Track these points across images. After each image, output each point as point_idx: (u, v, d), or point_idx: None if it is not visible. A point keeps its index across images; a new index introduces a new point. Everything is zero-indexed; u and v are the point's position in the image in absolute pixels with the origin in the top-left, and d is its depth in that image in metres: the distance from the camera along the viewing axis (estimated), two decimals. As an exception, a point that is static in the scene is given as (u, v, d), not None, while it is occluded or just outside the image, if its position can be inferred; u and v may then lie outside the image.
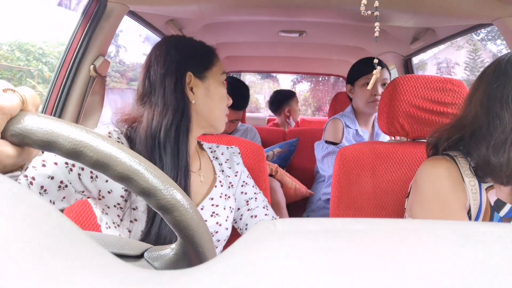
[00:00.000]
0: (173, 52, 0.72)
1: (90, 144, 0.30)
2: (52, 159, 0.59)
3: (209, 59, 0.78)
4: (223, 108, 0.79)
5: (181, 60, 0.72)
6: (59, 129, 0.30)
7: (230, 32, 1.84)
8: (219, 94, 0.78)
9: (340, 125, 1.41)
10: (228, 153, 0.90)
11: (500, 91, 0.68)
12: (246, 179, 0.89)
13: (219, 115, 0.78)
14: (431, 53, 7.44)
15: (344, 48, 2.14)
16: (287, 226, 0.19)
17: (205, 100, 0.75)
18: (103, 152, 0.30)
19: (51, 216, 0.20)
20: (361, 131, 1.43)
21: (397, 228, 0.19)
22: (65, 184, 0.59)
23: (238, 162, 0.89)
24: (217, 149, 0.91)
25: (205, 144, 0.91)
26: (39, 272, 0.15)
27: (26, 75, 5.20)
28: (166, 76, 0.70)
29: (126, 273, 0.19)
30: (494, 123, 0.68)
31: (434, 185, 0.73)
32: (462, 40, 6.79)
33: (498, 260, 0.15)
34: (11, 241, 0.16)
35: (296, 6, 1.22)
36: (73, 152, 0.30)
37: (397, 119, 1.03)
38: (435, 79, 1.04)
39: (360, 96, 1.38)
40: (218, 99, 0.77)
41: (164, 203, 0.31)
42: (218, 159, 0.89)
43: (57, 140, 0.30)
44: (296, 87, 12.63)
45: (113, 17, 1.14)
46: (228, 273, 0.16)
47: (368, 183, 1.03)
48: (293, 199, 1.50)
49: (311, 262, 0.15)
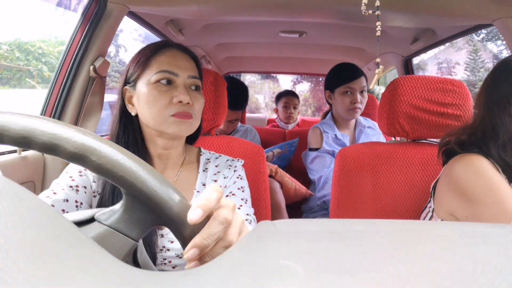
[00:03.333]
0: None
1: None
2: (58, 187, 0.63)
3: (143, 63, 0.72)
4: (157, 110, 0.69)
5: (123, 78, 0.75)
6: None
7: (230, 32, 1.84)
8: (147, 96, 0.69)
9: (318, 132, 1.51)
10: (223, 166, 0.81)
11: (498, 93, 0.74)
12: (235, 191, 0.77)
13: (158, 119, 0.69)
14: (431, 53, 7.42)
15: (344, 49, 2.14)
16: (287, 227, 0.19)
17: (138, 108, 0.72)
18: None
19: (51, 216, 0.20)
20: (340, 135, 1.50)
21: (396, 229, 0.19)
22: (80, 202, 0.63)
23: (226, 176, 0.79)
24: (214, 161, 0.82)
25: (206, 153, 0.84)
26: (39, 272, 0.15)
27: (26, 74, 5.20)
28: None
29: (126, 273, 0.19)
30: (497, 124, 0.73)
31: (485, 178, 0.72)
32: (462, 40, 6.76)
33: (498, 260, 0.15)
34: (11, 241, 0.16)
35: (296, 6, 1.22)
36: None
37: (397, 119, 1.03)
38: (435, 80, 1.04)
39: (340, 104, 1.45)
40: (146, 102, 0.69)
41: (74, 150, 0.31)
42: (207, 171, 0.80)
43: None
44: (296, 87, 12.66)
45: (113, 18, 1.14)
46: (228, 274, 0.16)
47: (368, 184, 1.03)
48: (293, 199, 1.50)
49: (311, 262, 0.15)
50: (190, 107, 0.71)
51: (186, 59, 0.74)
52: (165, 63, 0.71)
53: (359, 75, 1.42)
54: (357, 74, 1.42)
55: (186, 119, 0.70)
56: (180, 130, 0.70)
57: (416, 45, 1.66)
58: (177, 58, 0.72)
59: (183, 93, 0.69)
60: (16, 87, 4.88)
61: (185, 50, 0.76)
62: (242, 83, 1.71)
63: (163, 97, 0.69)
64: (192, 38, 1.83)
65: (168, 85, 0.70)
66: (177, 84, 0.71)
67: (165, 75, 0.70)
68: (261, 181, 1.00)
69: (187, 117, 0.70)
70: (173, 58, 0.72)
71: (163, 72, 0.70)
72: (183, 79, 0.71)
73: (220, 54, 2.41)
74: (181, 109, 0.69)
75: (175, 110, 0.69)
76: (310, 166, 1.47)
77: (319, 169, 1.41)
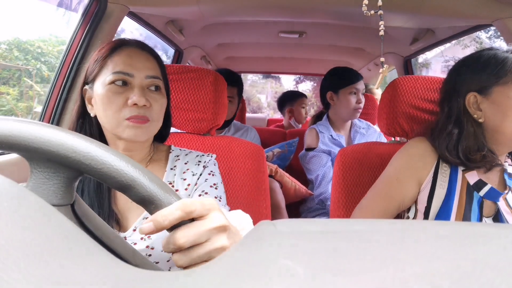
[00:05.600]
0: None
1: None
2: None
3: (99, 62, 0.68)
4: (111, 112, 0.65)
5: (83, 77, 0.73)
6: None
7: (229, 33, 1.84)
8: (102, 98, 0.66)
9: (314, 132, 1.55)
10: (192, 162, 0.78)
11: (450, 84, 0.83)
12: (208, 189, 0.73)
13: (112, 122, 0.66)
14: (437, 51, 7.26)
15: (344, 49, 2.15)
16: (287, 227, 0.19)
17: (96, 109, 0.69)
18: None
19: (51, 216, 0.20)
20: (336, 135, 1.53)
21: (397, 229, 0.19)
22: None
23: (195, 173, 0.75)
24: (183, 157, 0.78)
25: (176, 150, 0.80)
26: (39, 272, 0.15)
27: (24, 74, 5.19)
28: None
29: (126, 273, 0.19)
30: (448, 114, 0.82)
31: (396, 162, 0.83)
32: (468, 38, 6.67)
33: (498, 260, 0.15)
34: (11, 241, 0.16)
35: (296, 7, 1.23)
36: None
37: (397, 120, 1.03)
38: (435, 80, 1.04)
39: (346, 104, 1.49)
40: (102, 103, 0.66)
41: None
42: (175, 169, 0.76)
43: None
44: (299, 87, 12.63)
45: (113, 18, 1.14)
46: (228, 274, 0.16)
47: (368, 184, 1.03)
48: (292, 199, 1.50)
49: (311, 262, 0.15)
50: (147, 110, 0.67)
51: (144, 58, 0.70)
52: (120, 64, 0.67)
53: (361, 77, 1.51)
54: (360, 76, 1.51)
55: (142, 123, 0.66)
56: (135, 135, 0.66)
57: (416, 45, 1.66)
58: (133, 58, 0.68)
59: (138, 95, 0.65)
60: (15, 86, 4.87)
61: (144, 47, 0.72)
62: (230, 70, 1.70)
63: (117, 99, 0.65)
64: (192, 38, 1.83)
65: (124, 87, 0.67)
66: (133, 85, 0.67)
67: (119, 76, 0.66)
68: (261, 181, 1.00)
69: (143, 121, 0.66)
70: (128, 57, 0.68)
71: (117, 73, 0.66)
72: (140, 79, 0.68)
73: (220, 54, 2.41)
74: (136, 112, 0.66)
75: (130, 113, 0.65)
76: (307, 166, 1.50)
77: (316, 168, 1.44)
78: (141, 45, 0.72)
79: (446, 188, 0.78)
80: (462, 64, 0.80)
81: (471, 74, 0.76)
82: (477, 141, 0.75)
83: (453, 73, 0.82)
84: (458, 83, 0.78)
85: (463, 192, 0.77)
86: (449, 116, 0.78)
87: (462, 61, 0.81)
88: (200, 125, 1.01)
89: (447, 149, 0.76)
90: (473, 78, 0.75)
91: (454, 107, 0.78)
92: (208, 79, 0.98)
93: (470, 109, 0.76)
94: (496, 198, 0.77)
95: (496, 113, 0.72)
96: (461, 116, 0.76)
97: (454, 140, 0.76)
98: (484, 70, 0.74)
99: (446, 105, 0.80)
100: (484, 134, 0.75)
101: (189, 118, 1.00)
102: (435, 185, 0.79)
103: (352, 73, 1.51)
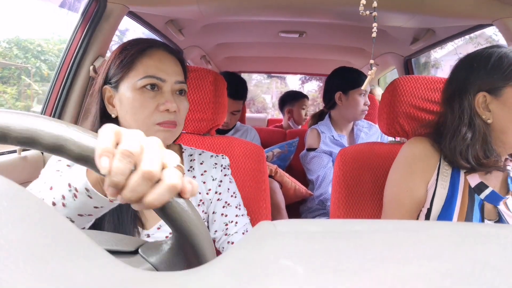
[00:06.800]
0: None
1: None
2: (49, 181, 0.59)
3: (127, 64, 0.67)
4: (142, 117, 0.65)
5: (103, 76, 0.70)
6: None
7: (230, 32, 1.84)
8: (132, 102, 0.65)
9: (315, 132, 1.55)
10: (209, 164, 0.78)
11: (454, 85, 0.81)
12: (230, 199, 0.76)
13: (142, 127, 0.65)
14: (450, 48, 6.92)
15: (344, 49, 2.14)
16: (287, 227, 0.19)
17: (120, 111, 0.68)
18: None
19: (51, 216, 0.20)
20: (337, 136, 1.53)
21: (397, 229, 0.19)
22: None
23: (214, 178, 0.77)
24: (198, 157, 0.79)
25: (188, 150, 0.81)
26: (39, 272, 0.15)
27: (23, 72, 5.17)
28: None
29: (127, 273, 0.19)
30: (450, 116, 0.80)
31: (401, 163, 0.83)
32: (480, 38, 6.48)
33: (498, 260, 0.15)
34: (11, 241, 0.16)
35: (296, 6, 1.22)
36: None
37: (397, 120, 1.03)
38: (436, 80, 1.04)
39: (355, 105, 1.49)
40: (131, 107, 0.65)
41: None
42: (192, 170, 0.77)
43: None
44: (305, 87, 12.52)
45: (113, 18, 1.14)
46: (228, 274, 0.16)
47: (368, 184, 1.03)
48: (292, 199, 1.50)
49: (311, 262, 0.15)
50: (176, 114, 0.68)
51: (173, 63, 0.70)
52: (152, 67, 0.66)
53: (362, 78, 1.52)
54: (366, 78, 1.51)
55: (172, 128, 0.67)
56: (164, 139, 0.67)
57: (416, 45, 1.66)
58: (164, 62, 0.68)
59: (171, 101, 0.66)
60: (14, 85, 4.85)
61: (172, 52, 0.72)
62: (239, 76, 1.74)
63: (149, 104, 0.65)
64: (192, 38, 1.83)
65: (154, 91, 0.66)
66: (164, 90, 0.67)
67: (152, 81, 0.65)
68: (261, 181, 1.00)
69: (173, 126, 0.67)
70: (160, 62, 0.67)
71: (149, 77, 0.65)
72: (171, 84, 0.68)
73: (220, 54, 2.41)
74: (167, 118, 0.66)
75: (161, 118, 0.66)
76: (308, 166, 1.50)
77: (317, 168, 1.44)
78: (169, 49, 0.71)
79: (447, 189, 0.77)
80: (470, 62, 0.76)
81: (482, 73, 0.72)
82: (487, 144, 0.72)
83: (461, 71, 0.77)
84: (467, 82, 0.74)
85: (465, 194, 0.76)
86: (461, 117, 0.74)
87: (470, 59, 0.76)
88: (200, 125, 1.01)
89: (460, 154, 0.73)
90: (484, 78, 0.72)
91: (466, 107, 0.73)
92: (208, 79, 0.98)
93: (479, 110, 0.72)
94: (496, 202, 0.75)
95: (505, 114, 0.70)
96: (473, 117, 0.73)
97: (467, 144, 0.72)
98: (497, 70, 0.70)
99: (457, 105, 0.75)
100: (491, 136, 0.73)
101: (189, 118, 1.00)
102: (437, 185, 0.78)
103: (362, 74, 1.52)
